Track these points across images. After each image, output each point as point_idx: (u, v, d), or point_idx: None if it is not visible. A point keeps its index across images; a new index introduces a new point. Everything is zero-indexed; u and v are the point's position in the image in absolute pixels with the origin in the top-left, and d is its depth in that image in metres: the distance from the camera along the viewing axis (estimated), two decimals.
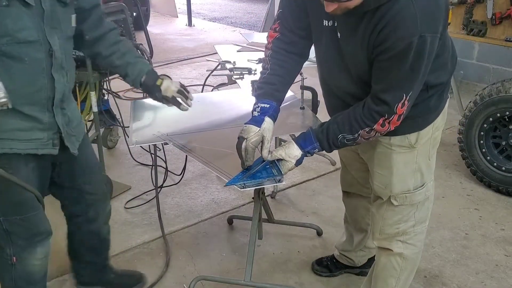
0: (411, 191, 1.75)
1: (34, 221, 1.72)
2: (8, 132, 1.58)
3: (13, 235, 1.70)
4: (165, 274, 2.34)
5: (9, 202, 1.66)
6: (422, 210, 1.81)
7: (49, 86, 1.60)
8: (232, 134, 2.05)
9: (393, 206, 1.78)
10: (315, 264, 2.38)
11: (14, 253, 1.72)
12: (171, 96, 1.89)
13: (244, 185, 1.68)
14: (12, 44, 1.48)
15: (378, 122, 1.53)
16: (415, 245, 1.86)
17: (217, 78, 2.96)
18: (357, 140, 1.58)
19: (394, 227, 1.82)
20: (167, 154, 3.18)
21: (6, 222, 1.68)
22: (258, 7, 11.45)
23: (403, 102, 1.48)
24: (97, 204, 1.98)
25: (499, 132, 3.12)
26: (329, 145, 1.62)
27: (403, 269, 1.87)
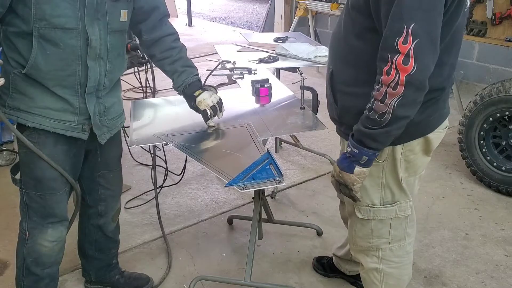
0: (377, 206, 1.65)
1: (50, 201, 1.77)
2: (41, 109, 1.66)
3: (30, 209, 1.78)
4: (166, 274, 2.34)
5: (31, 176, 1.73)
6: (399, 229, 1.71)
7: (82, 73, 1.66)
8: (232, 134, 2.06)
9: (360, 219, 1.70)
10: (315, 260, 2.40)
11: (28, 228, 1.80)
12: (203, 109, 1.98)
13: (244, 186, 1.68)
14: (48, 28, 1.56)
15: (383, 70, 1.31)
16: (393, 261, 1.77)
17: (217, 78, 2.96)
18: (374, 106, 1.36)
19: (366, 240, 1.75)
20: (167, 154, 3.18)
21: (26, 195, 1.77)
22: (258, 7, 11.45)
23: (405, 37, 1.26)
24: (109, 199, 2.03)
25: (499, 132, 3.12)
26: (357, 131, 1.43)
27: (384, 284, 1.79)
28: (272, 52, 3.14)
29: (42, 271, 1.87)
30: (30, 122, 1.66)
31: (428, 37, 1.28)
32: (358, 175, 1.48)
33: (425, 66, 1.29)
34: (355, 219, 1.75)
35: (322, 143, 3.82)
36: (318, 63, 3.04)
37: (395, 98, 1.31)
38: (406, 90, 1.30)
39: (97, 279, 2.19)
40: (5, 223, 2.76)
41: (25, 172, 1.75)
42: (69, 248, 2.43)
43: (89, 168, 1.94)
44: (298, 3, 5.70)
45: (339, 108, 1.61)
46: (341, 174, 1.52)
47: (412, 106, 1.35)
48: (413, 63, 1.27)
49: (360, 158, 1.45)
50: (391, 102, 1.32)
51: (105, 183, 1.99)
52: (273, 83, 2.46)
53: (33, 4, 1.52)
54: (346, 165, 1.49)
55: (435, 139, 1.63)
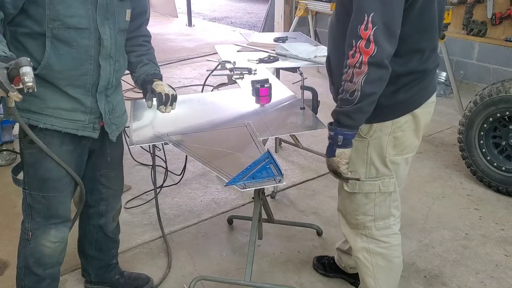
0: (361, 179, 1.75)
1: (54, 202, 1.77)
2: (52, 109, 1.67)
3: (33, 210, 1.78)
4: (166, 274, 2.34)
5: (36, 177, 1.73)
6: (383, 207, 1.81)
7: (94, 72, 1.68)
8: (232, 134, 2.06)
9: (347, 193, 1.81)
10: (315, 259, 2.41)
11: (31, 229, 1.81)
12: (158, 92, 1.92)
13: (244, 186, 1.68)
14: (62, 28, 1.58)
15: (349, 54, 1.49)
16: (381, 240, 1.85)
17: (217, 78, 2.96)
18: (345, 87, 1.52)
19: (354, 217, 1.85)
20: (167, 154, 3.18)
21: (30, 196, 1.77)
22: (258, 7, 11.46)
23: (365, 24, 1.43)
24: (110, 199, 2.04)
25: (499, 132, 3.12)
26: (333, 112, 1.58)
27: (375, 267, 1.86)
28: (272, 52, 3.14)
29: (44, 271, 1.87)
30: (42, 123, 1.66)
31: (385, 25, 1.45)
32: (338, 157, 1.60)
33: (383, 48, 1.45)
34: (344, 195, 1.86)
35: (322, 143, 3.81)
36: (318, 63, 3.04)
37: (361, 76, 1.48)
38: (369, 69, 1.46)
39: (97, 279, 2.19)
40: (5, 223, 2.76)
41: (30, 173, 1.74)
42: (69, 248, 2.42)
43: (91, 167, 1.94)
44: (298, 3, 5.70)
45: (335, 87, 1.73)
46: (328, 162, 1.65)
47: (377, 83, 1.50)
48: (373, 46, 1.44)
49: (337, 139, 1.58)
50: (358, 80, 1.48)
51: (106, 182, 1.99)
52: (273, 83, 2.46)
53: (47, 4, 1.54)
54: (329, 151, 1.63)
55: (422, 113, 1.73)
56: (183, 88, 5.13)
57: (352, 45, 1.47)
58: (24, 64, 1.37)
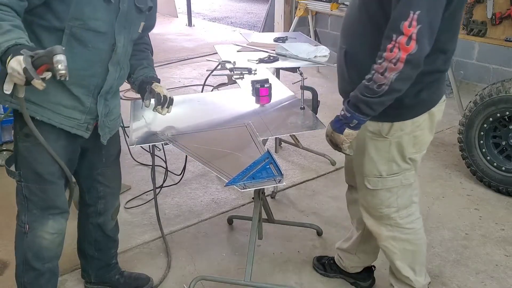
0: (383, 177, 1.79)
1: (51, 194, 1.78)
2: (53, 104, 1.68)
3: (30, 202, 1.79)
4: (166, 274, 2.34)
5: (32, 169, 1.74)
6: (404, 197, 1.85)
7: (102, 76, 1.72)
8: (232, 134, 2.06)
9: (369, 190, 1.84)
10: (315, 259, 2.42)
11: (28, 221, 1.81)
12: (157, 92, 1.96)
13: (244, 186, 1.68)
14: (82, 29, 1.61)
15: (387, 48, 1.47)
16: (405, 227, 1.90)
17: (217, 78, 2.96)
18: (374, 77, 1.51)
19: (378, 210, 1.88)
20: (167, 154, 3.18)
21: (26, 188, 1.78)
22: (258, 7, 11.46)
23: (410, 21, 1.41)
24: (108, 197, 2.04)
25: (499, 132, 3.12)
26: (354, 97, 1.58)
27: (403, 251, 1.92)
28: (272, 52, 3.14)
29: (43, 265, 1.87)
30: (39, 116, 1.67)
31: (429, 24, 1.44)
32: (346, 136, 1.66)
33: (423, 48, 1.46)
34: (365, 191, 1.88)
35: (322, 143, 3.81)
36: (318, 63, 3.04)
37: (394, 72, 1.48)
38: (404, 67, 1.46)
39: (97, 279, 2.19)
40: (5, 223, 2.76)
41: (25, 165, 1.75)
42: (69, 248, 2.43)
43: (87, 166, 1.94)
44: (298, 3, 5.70)
45: (354, 84, 1.68)
46: (332, 134, 1.70)
47: (406, 81, 1.52)
48: (414, 44, 1.43)
49: (351, 121, 1.62)
50: (390, 75, 1.48)
51: (104, 180, 1.99)
52: (273, 83, 2.46)
53: (73, 3, 1.56)
54: (337, 126, 1.67)
55: (438, 111, 1.77)
56: (183, 88, 5.13)
57: (391, 38, 1.45)
58: (59, 52, 1.40)
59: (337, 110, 1.73)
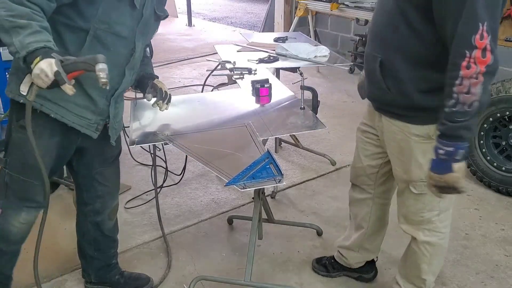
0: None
1: (33, 188, 1.78)
2: (66, 102, 1.68)
3: (9, 189, 1.78)
4: (166, 274, 2.34)
5: (20, 160, 1.73)
6: (446, 200, 1.83)
7: (118, 79, 1.76)
8: (232, 134, 2.06)
9: (413, 194, 1.83)
10: (315, 261, 2.39)
11: (2, 206, 1.80)
12: (160, 88, 2.03)
13: (244, 186, 1.68)
14: (106, 32, 1.63)
15: (462, 66, 1.43)
16: (441, 232, 1.91)
17: (217, 78, 2.96)
18: (460, 99, 1.45)
19: (419, 215, 1.87)
20: (167, 154, 3.19)
21: (9, 176, 1.77)
22: (258, 7, 11.46)
23: (481, 33, 1.40)
24: (106, 196, 2.04)
25: (499, 132, 3.12)
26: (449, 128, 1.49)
27: (433, 255, 1.93)
28: (272, 52, 3.14)
29: (8, 247, 1.87)
30: (53, 113, 1.67)
31: (496, 32, 1.46)
32: (458, 171, 1.53)
33: (497, 56, 1.46)
34: (407, 196, 1.86)
35: (322, 143, 3.82)
36: (318, 63, 3.04)
37: (478, 86, 1.44)
38: (485, 78, 1.44)
39: (97, 279, 2.19)
40: None
41: (16, 155, 1.74)
42: (69, 248, 2.43)
43: (86, 165, 1.94)
44: (298, 3, 5.70)
45: (393, 93, 1.69)
46: (442, 179, 1.56)
47: (489, 91, 1.52)
48: (490, 56, 1.43)
49: (456, 154, 1.51)
50: (476, 90, 1.44)
51: (102, 180, 1.99)
52: (273, 83, 2.46)
53: (102, 6, 1.58)
54: (443, 167, 1.54)
55: None
56: (183, 88, 5.13)
57: (464, 55, 1.42)
58: (101, 61, 1.44)
59: (337, 110, 1.73)
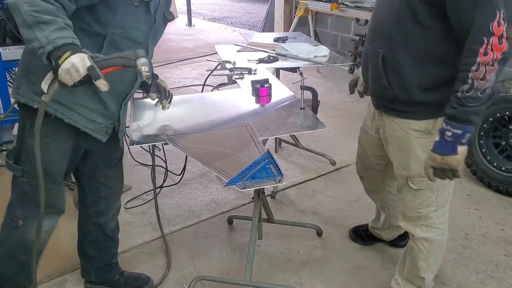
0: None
1: (53, 193, 1.76)
2: (78, 105, 1.67)
3: (29, 199, 1.75)
4: (166, 274, 2.34)
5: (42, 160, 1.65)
6: (444, 195, 1.88)
7: (130, 83, 1.77)
8: (232, 134, 2.06)
9: (412, 190, 1.86)
10: (351, 231, 2.60)
11: (23, 217, 1.77)
12: (164, 87, 2.06)
13: (244, 186, 1.68)
14: (122, 37, 1.63)
15: (479, 53, 1.47)
16: (439, 228, 1.94)
17: (217, 78, 2.96)
18: (475, 85, 1.49)
19: (416, 211, 1.90)
20: (167, 154, 3.18)
21: (27, 183, 1.73)
22: (258, 7, 11.46)
23: (498, 20, 1.43)
24: (110, 198, 2.04)
25: (499, 132, 3.12)
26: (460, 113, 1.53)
27: (430, 252, 1.96)
28: (272, 52, 3.14)
29: (28, 259, 1.83)
30: (67, 118, 1.66)
31: (510, 19, 1.47)
32: (462, 154, 1.57)
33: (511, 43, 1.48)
34: (406, 192, 1.89)
35: (322, 143, 3.82)
36: (318, 63, 3.04)
37: (493, 73, 1.49)
38: (500, 65, 1.49)
39: (97, 279, 2.19)
40: None
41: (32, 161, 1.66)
42: (69, 248, 2.43)
43: (90, 167, 1.94)
44: (298, 3, 5.70)
45: (395, 89, 1.72)
46: (444, 161, 1.59)
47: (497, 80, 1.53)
48: (505, 42, 1.46)
49: (463, 137, 1.55)
50: (491, 76, 1.49)
51: (106, 182, 1.99)
52: (273, 83, 2.46)
53: (119, 11, 1.57)
54: (448, 149, 1.58)
55: None
56: (183, 88, 5.13)
57: (482, 42, 1.45)
58: (142, 55, 1.44)
59: (337, 110, 1.74)
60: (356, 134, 2.28)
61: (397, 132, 1.80)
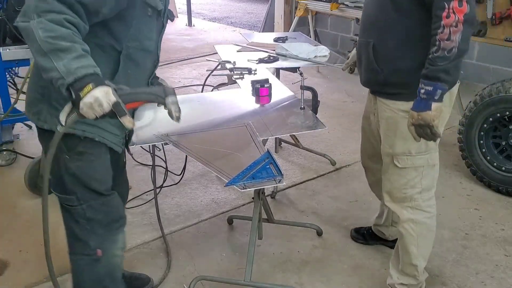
0: (413, 155, 1.92)
1: (113, 203, 1.70)
2: (103, 122, 1.59)
3: (95, 223, 1.66)
4: (166, 274, 2.34)
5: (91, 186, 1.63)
6: (428, 178, 1.97)
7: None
8: (232, 134, 2.06)
9: (398, 169, 1.96)
10: (353, 231, 2.62)
11: (99, 245, 1.67)
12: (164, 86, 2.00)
13: (244, 186, 1.68)
14: (137, 49, 1.57)
15: (443, 16, 1.61)
16: (425, 211, 2.01)
17: (217, 78, 2.96)
18: (441, 46, 1.64)
19: (402, 191, 1.99)
20: (167, 154, 3.18)
21: (88, 208, 1.64)
22: (258, 7, 11.45)
23: None
24: None
25: (499, 132, 3.12)
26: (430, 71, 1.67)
27: (419, 234, 2.02)
28: (272, 52, 3.14)
29: (119, 285, 1.78)
30: (97, 136, 1.60)
31: None
32: (435, 110, 1.70)
33: (473, 6, 1.63)
34: (392, 172, 2.00)
35: (322, 143, 3.82)
36: (318, 63, 3.04)
37: (458, 33, 1.62)
38: (464, 27, 1.62)
39: None
40: (5, 223, 2.76)
41: (80, 186, 1.62)
42: None
43: None
44: (298, 3, 5.70)
45: (385, 73, 1.88)
46: (420, 116, 1.72)
47: (468, 40, 1.66)
48: (465, 5, 1.61)
49: (435, 94, 1.69)
50: (456, 37, 1.63)
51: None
52: (273, 83, 2.46)
53: (134, 24, 1.50)
54: (423, 105, 1.71)
55: (454, 91, 1.90)
56: (183, 88, 5.13)
57: (444, 7, 1.61)
58: (172, 93, 1.36)
59: (337, 110, 1.74)
60: (356, 134, 2.29)
61: (386, 113, 1.94)
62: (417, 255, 2.04)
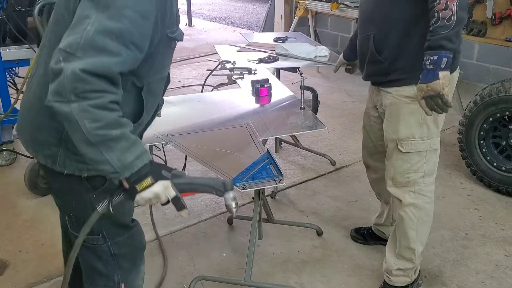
0: (416, 139, 1.96)
1: (137, 235, 1.60)
2: None
3: (120, 258, 1.55)
4: (165, 274, 2.34)
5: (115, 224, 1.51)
6: (430, 163, 2.02)
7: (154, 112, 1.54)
8: (232, 134, 2.06)
9: (401, 154, 2.00)
10: (353, 231, 2.62)
11: (123, 279, 1.57)
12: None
13: (244, 186, 1.68)
14: (156, 80, 1.41)
15: None
16: (426, 195, 2.05)
17: (217, 78, 2.96)
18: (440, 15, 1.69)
19: (405, 176, 2.02)
20: (167, 154, 3.18)
21: (114, 245, 1.52)
22: (258, 7, 11.45)
23: None
24: None
25: (499, 132, 3.11)
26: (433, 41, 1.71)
27: (418, 219, 2.06)
28: (272, 52, 3.14)
29: None
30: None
31: None
32: (443, 78, 1.72)
33: None
34: (396, 157, 2.03)
35: (322, 143, 3.82)
36: (318, 63, 3.04)
37: (454, 2, 1.68)
38: None
39: None
40: (5, 223, 2.76)
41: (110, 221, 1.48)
42: None
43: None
44: (298, 3, 5.70)
45: (388, 61, 1.93)
46: (429, 87, 1.74)
47: (465, 7, 1.72)
48: None
49: (441, 62, 1.71)
50: (453, 5, 1.68)
51: None
52: (273, 83, 2.46)
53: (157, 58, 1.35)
54: (430, 76, 1.73)
55: (454, 77, 1.95)
56: (183, 88, 5.13)
57: None
58: (231, 188, 1.28)
59: (337, 110, 1.75)
60: (356, 134, 2.29)
61: (389, 100, 1.98)
62: (415, 239, 2.07)
